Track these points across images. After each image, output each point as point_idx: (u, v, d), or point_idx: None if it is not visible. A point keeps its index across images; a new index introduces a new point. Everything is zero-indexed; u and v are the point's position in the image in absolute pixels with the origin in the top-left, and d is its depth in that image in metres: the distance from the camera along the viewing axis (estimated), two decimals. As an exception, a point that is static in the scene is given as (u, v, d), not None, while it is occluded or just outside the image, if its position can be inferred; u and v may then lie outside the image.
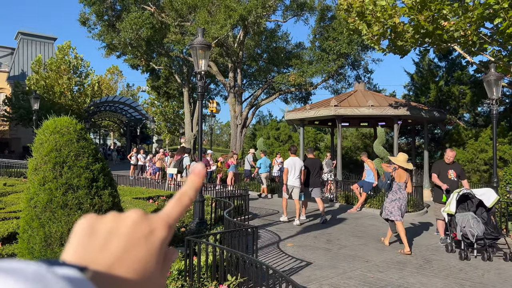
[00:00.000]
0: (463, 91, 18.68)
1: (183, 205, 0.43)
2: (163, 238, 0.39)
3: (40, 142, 4.49)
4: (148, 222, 0.39)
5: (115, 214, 0.40)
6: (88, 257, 0.36)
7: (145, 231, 0.38)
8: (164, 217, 0.41)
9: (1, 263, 0.29)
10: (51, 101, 30.03)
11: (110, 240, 0.37)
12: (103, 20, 24.91)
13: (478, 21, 9.36)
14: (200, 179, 0.46)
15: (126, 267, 0.36)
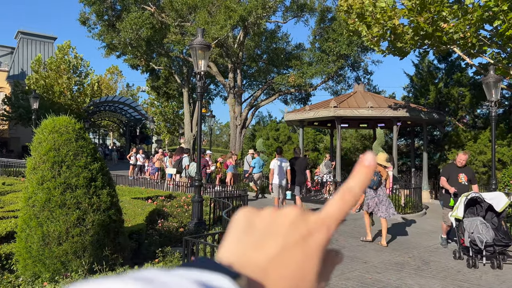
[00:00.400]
0: (462, 93, 18.70)
1: (346, 203, 0.38)
2: (322, 242, 0.36)
3: (39, 141, 4.49)
4: (306, 222, 0.36)
5: (272, 210, 0.37)
6: (243, 255, 0.34)
7: (303, 232, 0.35)
8: (324, 218, 0.37)
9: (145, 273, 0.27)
10: (51, 101, 30.01)
11: (267, 238, 0.35)
12: (103, 20, 24.91)
13: (478, 23, 9.38)
14: (372, 171, 0.40)
15: (280, 270, 0.33)
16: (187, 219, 8.16)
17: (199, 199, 7.89)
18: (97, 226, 4.42)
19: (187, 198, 10.39)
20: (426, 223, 10.81)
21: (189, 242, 4.71)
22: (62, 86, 31.87)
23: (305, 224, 0.36)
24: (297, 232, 0.35)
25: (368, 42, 11.06)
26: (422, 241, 8.43)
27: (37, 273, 4.29)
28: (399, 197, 12.13)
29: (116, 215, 4.72)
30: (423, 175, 15.81)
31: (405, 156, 21.89)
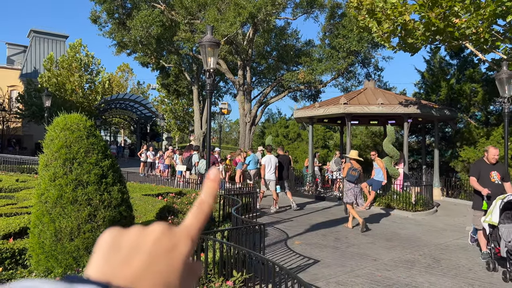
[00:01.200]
0: (474, 89, 18.45)
1: (204, 213, 0.43)
2: (186, 253, 0.39)
3: (51, 138, 4.56)
4: (170, 237, 0.39)
5: (138, 228, 0.40)
6: (111, 272, 0.36)
7: (167, 246, 0.38)
8: (186, 230, 0.41)
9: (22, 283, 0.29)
10: (63, 99, 30.35)
11: (133, 256, 0.37)
12: (114, 18, 25.09)
13: (490, 18, 9.23)
14: (217, 183, 0.45)
15: (148, 283, 0.36)
16: (197, 215, 8.20)
17: (209, 196, 7.91)
18: (108, 222, 4.48)
19: (197, 195, 10.45)
20: (437, 220, 10.72)
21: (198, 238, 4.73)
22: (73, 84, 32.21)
23: (169, 239, 0.39)
24: (162, 247, 0.38)
25: (379, 38, 10.96)
26: (433, 239, 8.37)
27: (49, 268, 4.36)
28: (410, 195, 12.04)
29: (126, 212, 4.78)
30: (434, 172, 15.67)
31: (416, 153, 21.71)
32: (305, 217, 10.45)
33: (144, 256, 0.37)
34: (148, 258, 0.37)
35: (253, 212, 9.61)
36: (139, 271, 0.36)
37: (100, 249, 0.38)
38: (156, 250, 0.38)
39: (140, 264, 0.37)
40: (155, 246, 0.38)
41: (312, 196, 14.80)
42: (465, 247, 7.74)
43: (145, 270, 0.36)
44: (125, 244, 0.38)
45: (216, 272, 4.71)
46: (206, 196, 0.45)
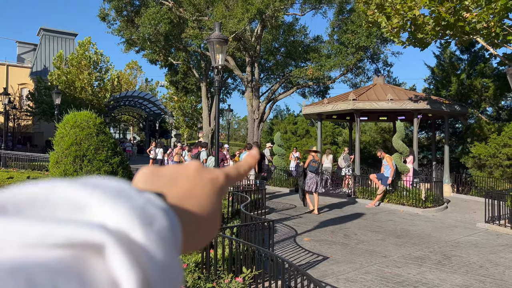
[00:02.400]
0: (485, 84, 18.21)
1: (240, 171, 0.45)
2: (224, 185, 0.41)
3: (61, 136, 4.60)
4: (209, 170, 0.42)
5: (174, 165, 0.42)
6: (158, 190, 0.36)
7: (209, 176, 0.40)
8: (223, 170, 0.43)
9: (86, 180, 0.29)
10: (72, 96, 30.61)
11: (177, 180, 0.39)
12: (122, 15, 25.19)
13: (502, 12, 9.10)
14: (255, 160, 0.48)
15: (194, 201, 0.37)
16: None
17: (218, 193, 7.94)
18: (118, 218, 4.51)
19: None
20: (448, 217, 10.63)
21: (207, 235, 4.75)
22: (83, 81, 32.45)
23: (209, 172, 0.41)
24: (204, 176, 0.40)
25: (388, 34, 10.87)
26: (443, 236, 8.30)
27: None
28: (420, 191, 11.95)
29: (136, 208, 4.81)
30: (444, 168, 15.53)
31: (426, 149, 21.52)
32: (313, 214, 10.43)
33: (189, 180, 0.39)
34: (193, 182, 0.39)
35: (262, 208, 9.62)
36: (185, 190, 0.38)
37: (141, 178, 0.39)
38: (199, 177, 0.40)
39: (185, 185, 0.38)
40: (197, 174, 0.40)
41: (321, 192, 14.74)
42: (476, 243, 7.67)
43: (191, 190, 0.38)
44: (165, 174, 0.39)
45: (226, 268, 4.73)
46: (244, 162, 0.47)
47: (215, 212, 0.39)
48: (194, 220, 0.37)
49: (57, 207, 0.26)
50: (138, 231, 0.27)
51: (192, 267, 4.70)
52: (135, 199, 0.29)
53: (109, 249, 0.25)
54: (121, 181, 0.31)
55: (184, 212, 0.36)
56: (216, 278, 4.61)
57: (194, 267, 4.73)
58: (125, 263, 0.24)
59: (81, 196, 0.27)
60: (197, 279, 4.49)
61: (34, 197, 0.26)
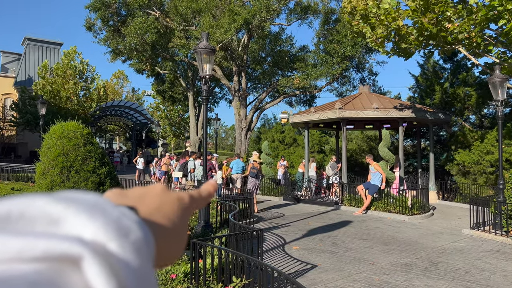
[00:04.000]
0: (468, 93, 18.61)
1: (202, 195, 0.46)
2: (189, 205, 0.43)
3: (48, 146, 4.56)
4: (174, 192, 0.43)
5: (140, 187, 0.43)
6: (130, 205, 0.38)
7: (175, 195, 0.42)
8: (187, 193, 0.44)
9: (61, 194, 0.30)
10: (58, 106, 30.25)
11: (144, 198, 0.40)
12: (109, 25, 25.12)
13: (482, 23, 9.36)
14: (214, 189, 0.48)
15: (164, 216, 0.39)
16: (194, 222, 8.20)
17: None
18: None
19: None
20: (434, 224, 10.76)
21: (196, 245, 4.74)
22: (68, 91, 32.13)
23: (174, 192, 0.43)
24: (170, 195, 0.41)
25: (373, 44, 11.06)
26: (430, 242, 8.40)
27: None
28: (406, 198, 12.08)
29: (124, 219, 4.77)
30: (430, 175, 15.74)
31: (411, 157, 21.79)
32: (302, 222, 10.46)
33: (156, 198, 0.40)
34: (160, 199, 0.40)
35: (251, 217, 9.61)
36: (154, 208, 0.39)
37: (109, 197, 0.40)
38: (166, 196, 0.41)
39: (154, 203, 0.39)
40: (163, 194, 0.41)
41: (309, 201, 14.81)
42: (462, 250, 7.78)
43: (158, 208, 0.39)
44: (133, 193, 0.41)
45: (215, 278, 4.71)
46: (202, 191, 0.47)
47: (183, 228, 0.41)
48: (164, 234, 0.37)
49: (34, 221, 0.27)
50: (114, 243, 0.27)
51: (181, 277, 4.68)
52: (110, 212, 0.29)
53: (85, 261, 0.25)
54: (96, 195, 0.31)
55: (155, 226, 0.37)
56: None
57: (183, 277, 4.70)
58: (101, 274, 0.25)
59: (57, 210, 0.27)
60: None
61: (10, 212, 0.27)
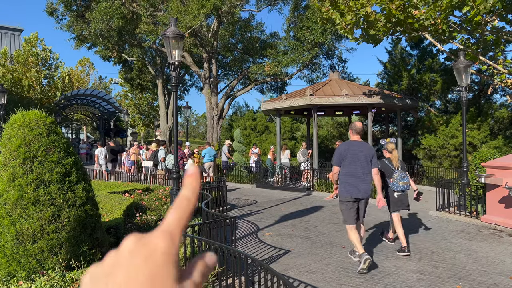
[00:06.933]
0: (434, 78, 19.11)
1: (185, 210, 0.40)
2: (167, 252, 0.37)
3: (8, 137, 4.34)
4: (145, 244, 0.37)
5: (113, 252, 0.39)
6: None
7: (143, 255, 0.36)
8: (164, 228, 0.39)
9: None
10: (19, 95, 29.02)
11: (113, 276, 0.36)
12: (72, 10, 24.11)
13: (447, 10, 9.56)
14: (197, 180, 0.43)
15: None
16: (165, 211, 8.09)
17: (178, 191, 7.83)
18: (73, 222, 4.33)
19: (165, 191, 10.29)
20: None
21: (168, 235, 4.66)
22: (30, 79, 30.85)
23: (144, 247, 0.37)
24: (137, 258, 0.37)
25: (342, 30, 11.12)
26: (398, 224, 8.63)
27: (12, 272, 4.18)
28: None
29: (92, 210, 4.63)
30: (397, 160, 16.12)
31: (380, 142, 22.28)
32: (274, 209, 10.53)
33: (122, 271, 0.36)
34: (126, 271, 0.36)
35: (223, 205, 9.59)
36: (119, 286, 0.35)
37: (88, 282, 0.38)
38: (133, 260, 0.36)
39: (120, 280, 0.35)
40: (131, 258, 0.36)
41: (281, 187, 14.93)
42: (428, 231, 8.04)
43: (125, 283, 0.35)
44: (101, 274, 0.37)
45: (188, 267, 4.66)
46: (186, 192, 0.42)
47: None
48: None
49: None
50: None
51: (153, 268, 4.60)
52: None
53: None
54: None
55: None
56: (178, 278, 4.53)
57: (155, 267, 4.63)
58: None
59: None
60: (159, 280, 4.40)
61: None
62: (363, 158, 5.72)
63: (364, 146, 5.88)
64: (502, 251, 6.53)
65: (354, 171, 5.69)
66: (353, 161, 5.71)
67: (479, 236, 7.62)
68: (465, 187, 9.46)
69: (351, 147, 5.79)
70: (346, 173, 5.72)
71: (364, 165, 5.72)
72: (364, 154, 5.76)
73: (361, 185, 5.66)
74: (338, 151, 5.85)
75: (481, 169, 9.04)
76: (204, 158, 15.97)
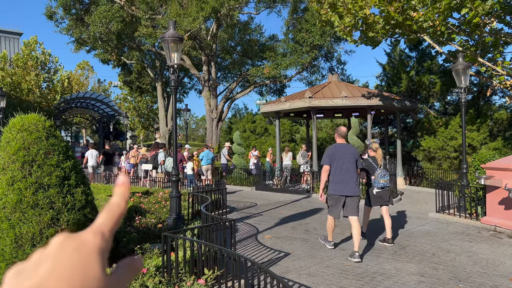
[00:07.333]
0: (433, 80, 19.13)
1: (115, 213, 0.43)
2: (97, 245, 0.38)
3: (7, 140, 4.33)
4: (75, 238, 0.38)
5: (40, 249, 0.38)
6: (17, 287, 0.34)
7: (73, 245, 0.37)
8: (95, 228, 0.40)
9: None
10: (19, 99, 29.02)
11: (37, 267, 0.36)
12: (71, 13, 24.14)
13: (446, 12, 9.58)
14: (127, 189, 0.45)
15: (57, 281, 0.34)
16: (165, 214, 8.08)
17: (177, 194, 7.81)
18: (72, 225, 4.32)
19: (164, 194, 10.28)
20: (402, 208, 11.06)
21: (168, 238, 4.66)
22: (30, 83, 30.86)
23: (75, 239, 0.38)
24: (67, 248, 0.37)
25: (341, 32, 11.14)
26: (398, 227, 8.64)
27: (11, 277, 4.16)
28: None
29: (92, 214, 4.62)
30: (397, 162, 16.16)
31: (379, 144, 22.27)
32: (274, 211, 10.52)
33: (47, 263, 0.36)
34: (52, 263, 0.35)
35: (223, 208, 9.58)
36: (42, 278, 0.34)
37: (5, 282, 0.37)
38: (62, 252, 0.36)
39: (43, 272, 0.35)
40: (60, 249, 0.37)
41: (281, 189, 14.92)
42: (429, 233, 8.04)
43: (49, 275, 0.34)
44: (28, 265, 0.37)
45: (188, 270, 4.65)
46: (116, 199, 0.44)
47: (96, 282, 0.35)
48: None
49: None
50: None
51: (153, 271, 4.59)
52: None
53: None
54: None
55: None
56: (178, 281, 4.52)
57: (155, 271, 4.62)
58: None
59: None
60: (158, 284, 4.39)
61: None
62: (350, 159, 6.32)
63: (350, 148, 6.51)
64: (502, 253, 6.52)
65: (342, 171, 6.29)
66: (341, 162, 6.31)
67: (479, 237, 7.61)
68: (464, 188, 9.46)
69: (339, 150, 6.42)
70: (335, 173, 6.34)
71: (351, 165, 6.31)
72: (351, 155, 6.37)
73: (349, 184, 6.26)
74: (327, 153, 6.49)
75: (480, 171, 9.04)
76: (202, 161, 15.99)
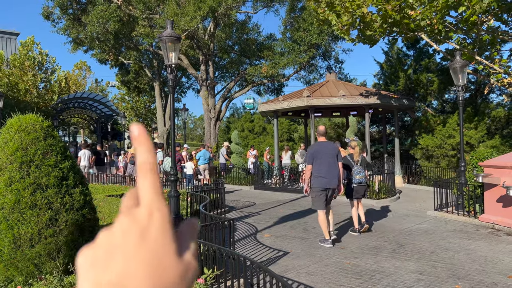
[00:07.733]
0: (430, 78, 19.16)
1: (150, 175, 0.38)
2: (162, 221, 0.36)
3: (5, 141, 4.32)
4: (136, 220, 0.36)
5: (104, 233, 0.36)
6: (96, 282, 0.33)
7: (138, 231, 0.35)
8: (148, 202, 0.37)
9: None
10: (16, 99, 28.93)
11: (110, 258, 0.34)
12: (68, 13, 24.08)
13: (443, 10, 9.58)
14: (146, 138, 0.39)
15: (135, 278, 0.33)
16: (164, 214, 8.06)
17: (176, 194, 7.81)
18: (70, 225, 4.31)
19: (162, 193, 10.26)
20: (400, 207, 11.08)
21: (167, 237, 4.65)
22: (27, 83, 30.77)
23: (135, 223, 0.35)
24: (132, 235, 0.35)
25: (338, 31, 11.13)
26: (397, 225, 8.65)
27: (9, 277, 4.15)
28: (373, 183, 12.36)
29: (90, 214, 4.61)
30: (395, 160, 16.18)
31: (377, 143, 22.32)
32: (273, 210, 10.52)
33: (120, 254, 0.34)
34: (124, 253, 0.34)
35: (222, 207, 9.58)
36: (120, 270, 0.33)
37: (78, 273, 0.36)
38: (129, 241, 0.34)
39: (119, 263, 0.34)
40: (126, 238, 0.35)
41: (279, 189, 14.92)
42: (427, 231, 8.05)
43: (126, 265, 0.33)
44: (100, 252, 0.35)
45: (186, 270, 4.64)
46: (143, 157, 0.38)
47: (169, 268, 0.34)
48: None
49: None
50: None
51: (152, 271, 4.58)
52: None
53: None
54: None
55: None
56: (177, 281, 4.51)
57: (154, 271, 4.61)
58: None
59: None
60: (158, 283, 4.38)
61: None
62: (330, 155, 6.85)
63: (330, 144, 7.07)
64: (500, 250, 6.54)
65: (324, 166, 6.79)
66: (323, 158, 6.82)
67: (478, 235, 7.63)
68: (462, 186, 9.48)
69: (320, 147, 6.95)
70: (318, 168, 6.82)
71: (332, 160, 6.83)
72: (331, 150, 6.90)
73: (330, 177, 6.79)
74: (310, 151, 7.02)
75: (478, 169, 9.06)
76: (199, 160, 15.99)
